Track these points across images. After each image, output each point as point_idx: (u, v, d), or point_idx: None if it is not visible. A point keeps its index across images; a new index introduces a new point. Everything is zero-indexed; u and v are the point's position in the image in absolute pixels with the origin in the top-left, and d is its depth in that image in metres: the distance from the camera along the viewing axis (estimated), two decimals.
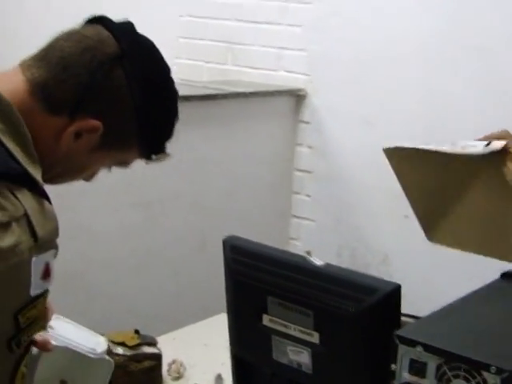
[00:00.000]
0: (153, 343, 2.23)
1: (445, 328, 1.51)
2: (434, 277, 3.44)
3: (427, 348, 1.40)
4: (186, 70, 4.12)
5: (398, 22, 3.50)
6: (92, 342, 1.48)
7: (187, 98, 3.20)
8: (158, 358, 2.20)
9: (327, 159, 3.74)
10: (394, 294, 1.63)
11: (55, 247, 1.27)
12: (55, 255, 1.27)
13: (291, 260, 1.78)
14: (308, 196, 3.82)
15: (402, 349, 1.44)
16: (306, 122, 3.77)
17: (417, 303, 2.14)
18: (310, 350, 1.74)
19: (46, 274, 1.24)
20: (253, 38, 3.89)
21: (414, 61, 3.47)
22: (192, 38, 4.12)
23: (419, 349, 1.41)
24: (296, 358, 1.78)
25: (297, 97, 3.71)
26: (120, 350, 2.16)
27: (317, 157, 3.77)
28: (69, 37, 1.35)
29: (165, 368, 2.27)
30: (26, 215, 1.19)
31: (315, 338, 1.72)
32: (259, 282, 1.81)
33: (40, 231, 1.21)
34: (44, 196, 1.28)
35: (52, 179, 1.38)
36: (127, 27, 1.43)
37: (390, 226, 3.57)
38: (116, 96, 1.34)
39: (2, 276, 1.15)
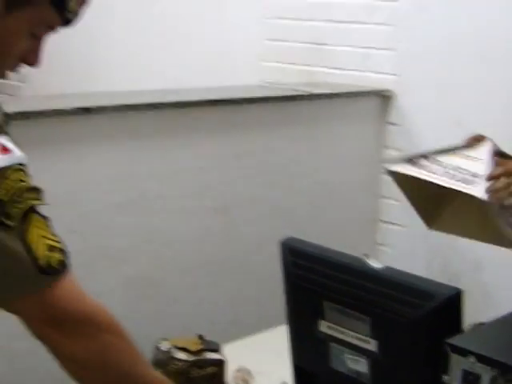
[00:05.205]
0: (216, 349, 2.17)
1: (501, 337, 1.39)
2: None
3: (480, 358, 1.29)
4: (273, 72, 4.06)
5: (490, 19, 3.35)
6: None
7: (267, 100, 3.15)
8: (220, 364, 2.14)
9: None
10: (454, 299, 1.52)
11: (6, 133, 1.34)
12: (11, 140, 1.34)
13: (348, 262, 1.69)
14: (397, 200, 3.68)
15: (454, 358, 1.33)
16: (393, 124, 3.65)
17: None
18: (367, 358, 1.64)
19: (5, 150, 1.31)
20: (340, 39, 3.80)
21: (508, 58, 3.31)
22: (278, 40, 4.06)
23: (472, 359, 1.30)
24: (354, 366, 1.69)
25: (383, 97, 3.59)
26: (182, 356, 2.11)
27: None
28: None
29: (231, 375, 2.21)
30: None
31: (372, 345, 1.62)
32: (315, 286, 1.73)
33: None
34: None
35: None
36: None
37: None
38: None
39: None
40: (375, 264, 1.67)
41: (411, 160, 2.05)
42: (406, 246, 3.67)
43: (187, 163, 2.91)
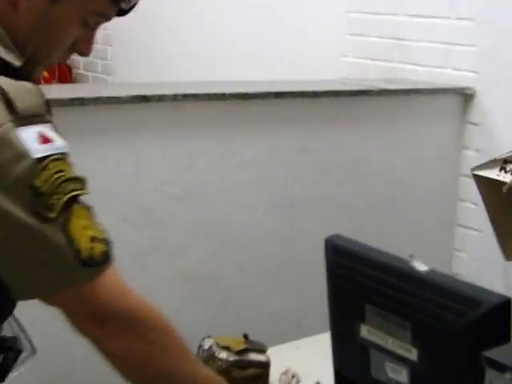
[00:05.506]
0: (261, 350, 2.07)
1: None
2: None
3: None
4: (353, 68, 3.94)
5: None
6: None
7: (336, 94, 3.03)
8: (264, 366, 2.04)
9: None
10: (502, 307, 1.38)
11: (47, 121, 1.28)
12: (53, 128, 1.28)
13: (391, 263, 1.57)
14: (475, 204, 3.51)
15: (491, 373, 1.19)
16: (473, 124, 3.47)
17: None
18: (408, 368, 1.52)
19: (45, 140, 1.25)
20: (420, 34, 3.65)
21: None
22: (358, 34, 3.93)
23: (509, 375, 1.16)
24: (394, 376, 1.56)
25: (463, 96, 3.42)
26: (224, 355, 2.02)
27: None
28: None
29: (277, 377, 2.11)
30: (2, 93, 1.23)
31: (413, 354, 1.50)
32: (357, 287, 1.61)
33: (20, 105, 1.23)
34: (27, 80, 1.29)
35: (33, 63, 1.37)
36: None
37: None
38: None
39: None
40: (420, 266, 1.54)
41: (497, 164, 2.02)
42: (484, 252, 3.49)
43: (251, 156, 2.82)
